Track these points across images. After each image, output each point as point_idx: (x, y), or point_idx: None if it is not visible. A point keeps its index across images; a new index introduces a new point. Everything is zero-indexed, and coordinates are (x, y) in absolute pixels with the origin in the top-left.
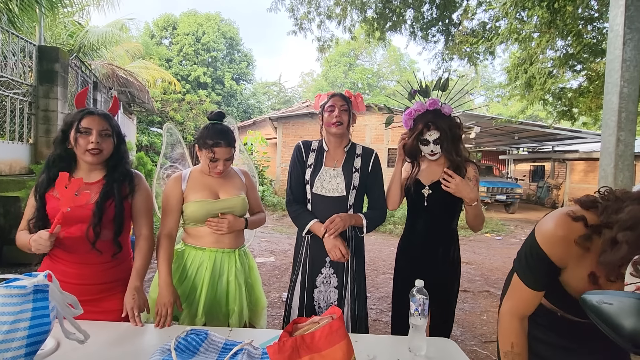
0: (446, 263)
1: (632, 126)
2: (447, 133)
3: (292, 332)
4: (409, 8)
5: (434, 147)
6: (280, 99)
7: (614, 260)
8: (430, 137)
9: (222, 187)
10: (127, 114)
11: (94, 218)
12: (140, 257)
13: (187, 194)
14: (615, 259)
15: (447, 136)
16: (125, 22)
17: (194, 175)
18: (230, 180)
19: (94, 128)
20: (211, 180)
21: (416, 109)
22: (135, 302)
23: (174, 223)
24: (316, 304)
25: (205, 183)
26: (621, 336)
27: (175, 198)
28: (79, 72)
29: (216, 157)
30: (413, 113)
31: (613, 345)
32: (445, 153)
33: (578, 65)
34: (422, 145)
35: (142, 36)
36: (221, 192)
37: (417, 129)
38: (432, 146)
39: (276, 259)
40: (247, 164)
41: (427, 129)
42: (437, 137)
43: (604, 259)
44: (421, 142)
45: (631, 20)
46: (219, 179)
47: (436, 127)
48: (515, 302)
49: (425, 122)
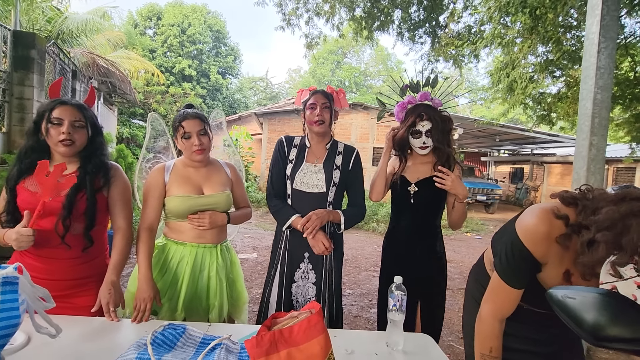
0: (432, 258)
1: (604, 131)
2: (439, 124)
3: (270, 326)
4: (396, 8)
5: (426, 139)
6: (267, 95)
7: (592, 260)
8: (422, 127)
9: (207, 182)
10: (108, 105)
11: (63, 211)
12: (117, 251)
13: (169, 186)
14: (593, 259)
15: (439, 127)
16: (108, 9)
17: (177, 167)
18: (215, 174)
19: (66, 119)
20: (195, 174)
21: (408, 101)
22: (111, 297)
23: (155, 216)
24: (294, 299)
25: (189, 177)
26: (583, 329)
27: (158, 190)
28: (56, 59)
29: (187, 131)
30: (405, 105)
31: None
32: (436, 143)
33: (557, 71)
34: (413, 138)
35: (125, 25)
36: (205, 187)
37: (409, 120)
38: (423, 138)
39: (259, 255)
40: (233, 158)
41: (420, 119)
42: (429, 129)
43: (582, 260)
44: (413, 134)
45: (606, 30)
46: (203, 172)
47: (428, 118)
48: (497, 305)
49: (418, 113)
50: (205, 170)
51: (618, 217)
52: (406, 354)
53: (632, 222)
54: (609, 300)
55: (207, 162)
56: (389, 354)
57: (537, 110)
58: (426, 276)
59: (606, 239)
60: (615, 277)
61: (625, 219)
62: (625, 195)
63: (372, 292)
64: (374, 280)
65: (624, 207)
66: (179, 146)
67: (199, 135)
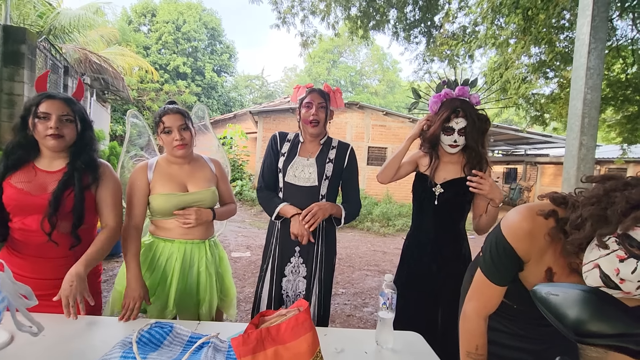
0: (457, 260)
1: (594, 131)
2: (475, 122)
3: (258, 324)
4: (392, 8)
5: (458, 137)
6: (262, 93)
7: (581, 238)
8: (456, 125)
9: (191, 179)
10: (101, 101)
11: (49, 208)
12: (96, 244)
13: (153, 184)
14: (581, 236)
15: (475, 126)
16: (101, 5)
17: (160, 165)
18: (199, 170)
19: (53, 113)
20: (179, 171)
21: (445, 94)
22: (72, 290)
23: (141, 215)
24: (284, 293)
25: (173, 174)
26: (565, 325)
27: (141, 189)
28: (48, 55)
29: (167, 126)
30: (442, 97)
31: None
32: (470, 143)
33: (550, 72)
34: (444, 135)
35: (118, 22)
36: (190, 184)
37: (443, 114)
38: (455, 136)
39: (252, 254)
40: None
41: (455, 115)
42: (464, 127)
43: (571, 239)
44: (445, 130)
45: (596, 30)
46: (187, 169)
47: (464, 115)
48: (481, 302)
49: (454, 108)
50: (189, 167)
51: (603, 192)
52: (396, 352)
53: (617, 194)
54: (590, 297)
55: (190, 158)
56: (379, 352)
57: (530, 110)
58: (450, 279)
59: (592, 213)
60: (602, 248)
61: (610, 193)
62: (611, 176)
63: (365, 291)
64: (367, 280)
65: (608, 184)
66: (160, 142)
67: (180, 130)
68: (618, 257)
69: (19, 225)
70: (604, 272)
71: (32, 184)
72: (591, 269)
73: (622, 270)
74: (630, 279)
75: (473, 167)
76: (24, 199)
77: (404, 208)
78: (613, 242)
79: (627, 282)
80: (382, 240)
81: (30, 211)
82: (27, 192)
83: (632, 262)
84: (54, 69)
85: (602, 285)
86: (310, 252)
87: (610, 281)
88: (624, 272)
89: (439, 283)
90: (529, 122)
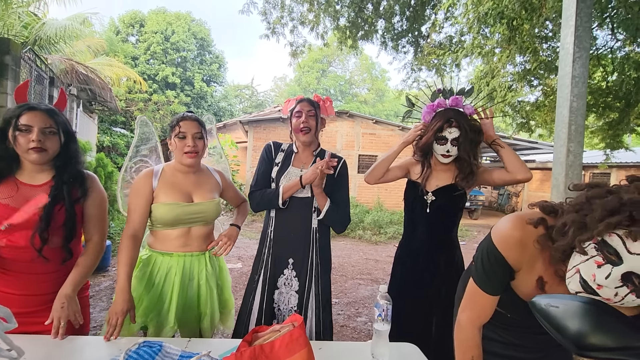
0: (450, 268)
1: (580, 138)
2: (467, 133)
3: (251, 341)
4: (380, 19)
5: (451, 147)
6: (252, 103)
7: (564, 244)
8: (449, 134)
9: (197, 189)
10: (88, 112)
11: (41, 223)
12: (81, 264)
13: (157, 192)
14: (565, 243)
15: (467, 137)
16: (88, 16)
17: (166, 173)
18: (205, 181)
19: (35, 125)
20: (185, 180)
21: (438, 104)
22: (64, 312)
23: (141, 223)
24: (275, 307)
25: (179, 183)
26: (566, 338)
27: (145, 195)
28: (33, 66)
29: (182, 131)
30: (435, 107)
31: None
32: (462, 154)
33: (535, 80)
34: (437, 144)
35: (106, 32)
36: (195, 194)
37: (437, 123)
38: (448, 146)
39: (244, 265)
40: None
41: (448, 125)
42: (456, 137)
43: (556, 246)
44: (437, 139)
45: (580, 40)
46: (193, 178)
47: (457, 125)
48: (474, 312)
49: (447, 118)
50: (195, 176)
51: (585, 200)
52: None
53: (596, 201)
54: (591, 308)
55: (197, 168)
56: None
57: (516, 118)
58: (443, 288)
59: (573, 219)
60: (582, 254)
61: (591, 201)
62: (596, 184)
63: (358, 300)
64: (360, 289)
65: (591, 192)
66: (170, 147)
67: (194, 137)
68: (596, 263)
69: (5, 242)
70: (582, 277)
71: (17, 199)
72: (573, 275)
73: (597, 276)
74: (606, 285)
75: (465, 177)
76: (11, 215)
77: (395, 215)
78: (592, 249)
79: (604, 288)
80: (374, 248)
81: (18, 228)
82: (14, 208)
83: (608, 268)
84: (39, 80)
85: (581, 291)
86: (304, 265)
87: (588, 286)
88: (599, 278)
89: (432, 291)
90: (515, 129)
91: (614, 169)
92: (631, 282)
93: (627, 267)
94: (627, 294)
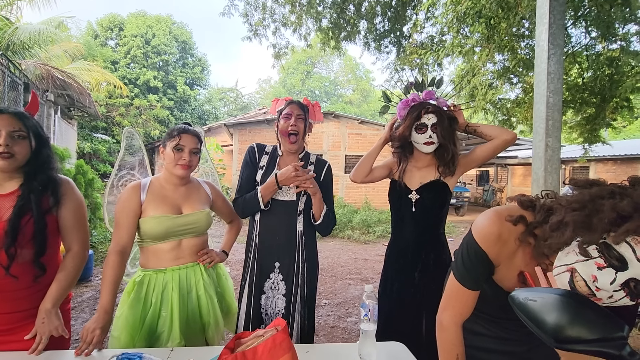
0: (439, 266)
1: (558, 133)
2: (445, 119)
3: (234, 348)
4: (362, 19)
5: (432, 133)
6: (237, 106)
7: (559, 242)
8: (428, 120)
9: (186, 201)
10: (67, 119)
11: (6, 239)
12: (61, 276)
13: (145, 206)
14: (560, 241)
15: (444, 122)
16: (64, 19)
17: (154, 185)
18: (194, 192)
19: (3, 129)
20: (174, 193)
21: (412, 99)
22: (44, 327)
23: (129, 238)
24: (263, 311)
25: (167, 195)
26: (544, 331)
27: (132, 210)
28: (6, 72)
29: (181, 144)
30: (409, 102)
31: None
32: (442, 140)
33: (514, 78)
34: (417, 133)
35: (83, 36)
36: (184, 206)
37: (413, 114)
38: (429, 132)
39: (231, 269)
40: (210, 173)
41: (425, 112)
42: (435, 123)
43: (548, 243)
44: (417, 128)
45: (554, 37)
46: (182, 190)
47: (434, 111)
48: (456, 309)
49: (423, 106)
50: (185, 188)
51: (588, 198)
52: None
53: (603, 202)
54: (568, 301)
55: (187, 180)
56: None
57: (497, 115)
58: (432, 287)
59: (575, 219)
60: (581, 255)
61: (596, 200)
62: (595, 182)
63: (348, 301)
64: (350, 289)
65: (594, 190)
66: (163, 156)
67: (191, 152)
68: (597, 265)
69: None
70: (581, 276)
71: None
72: (563, 272)
73: (599, 279)
74: (606, 289)
75: (446, 164)
76: None
77: (384, 214)
78: (593, 250)
79: (602, 291)
80: (363, 248)
81: None
82: None
83: (611, 273)
84: (13, 86)
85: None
86: (291, 268)
87: (582, 287)
88: (602, 281)
89: (422, 290)
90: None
91: (592, 163)
92: (628, 286)
93: (631, 273)
94: (622, 298)
